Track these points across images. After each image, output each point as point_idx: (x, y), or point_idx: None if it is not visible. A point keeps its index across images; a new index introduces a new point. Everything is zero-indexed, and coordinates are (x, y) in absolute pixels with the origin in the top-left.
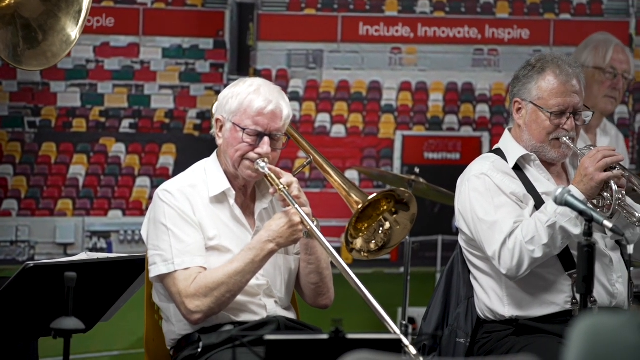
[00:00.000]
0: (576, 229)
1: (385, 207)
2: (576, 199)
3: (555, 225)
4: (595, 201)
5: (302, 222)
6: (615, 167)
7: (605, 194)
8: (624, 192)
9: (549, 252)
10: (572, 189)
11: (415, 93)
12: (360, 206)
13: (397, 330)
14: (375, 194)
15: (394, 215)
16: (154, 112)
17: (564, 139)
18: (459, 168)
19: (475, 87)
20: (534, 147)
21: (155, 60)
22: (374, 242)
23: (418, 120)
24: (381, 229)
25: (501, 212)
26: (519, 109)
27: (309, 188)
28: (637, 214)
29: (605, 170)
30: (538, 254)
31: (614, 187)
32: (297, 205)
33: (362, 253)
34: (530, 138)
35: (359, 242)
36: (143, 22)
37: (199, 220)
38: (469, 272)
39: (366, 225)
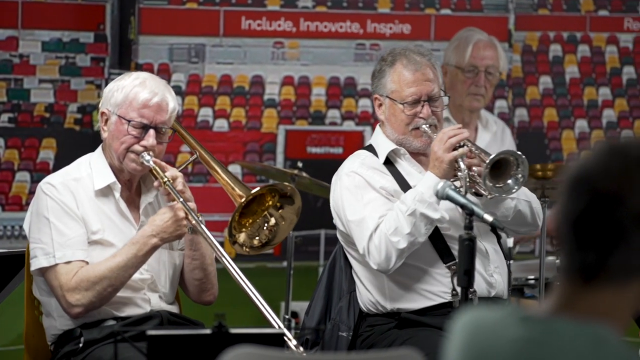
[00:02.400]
0: (436, 214)
1: (270, 203)
2: (458, 192)
3: (416, 212)
4: (456, 183)
5: (186, 217)
6: (464, 145)
7: (459, 173)
8: (475, 169)
9: (414, 240)
10: (429, 175)
11: (298, 87)
12: (243, 200)
13: (282, 326)
14: (258, 188)
15: (280, 211)
16: (33, 106)
17: (424, 127)
18: (341, 162)
19: (357, 81)
20: (397, 139)
21: (35, 53)
22: (257, 238)
23: (301, 114)
24: (266, 225)
25: (369, 208)
26: (379, 105)
27: (192, 183)
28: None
29: (454, 150)
30: (403, 244)
31: (462, 164)
32: (181, 199)
33: (245, 248)
34: (393, 132)
35: (241, 237)
36: (22, 15)
37: (83, 214)
38: (351, 266)
39: (250, 220)
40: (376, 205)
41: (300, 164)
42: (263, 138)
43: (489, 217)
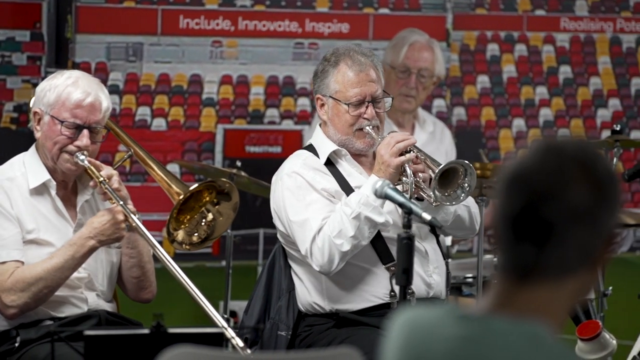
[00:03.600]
0: (380, 217)
1: (207, 199)
2: (396, 191)
3: (360, 216)
4: (399, 187)
5: (126, 219)
6: (411, 151)
7: (404, 178)
8: (422, 174)
9: (357, 243)
10: (373, 178)
11: (236, 86)
12: (181, 197)
13: (224, 324)
14: (196, 185)
15: (217, 206)
16: None
17: (367, 128)
18: (280, 161)
19: (296, 80)
20: (340, 140)
21: None
22: (196, 234)
23: (239, 113)
24: (204, 220)
25: (311, 209)
26: (322, 105)
27: (130, 182)
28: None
29: (401, 155)
30: (346, 247)
31: (408, 170)
32: (118, 198)
33: (184, 245)
34: (336, 132)
35: (180, 234)
36: None
37: (17, 213)
38: (290, 265)
39: (188, 217)
40: (318, 207)
41: (239, 163)
42: (201, 137)
43: (427, 216)
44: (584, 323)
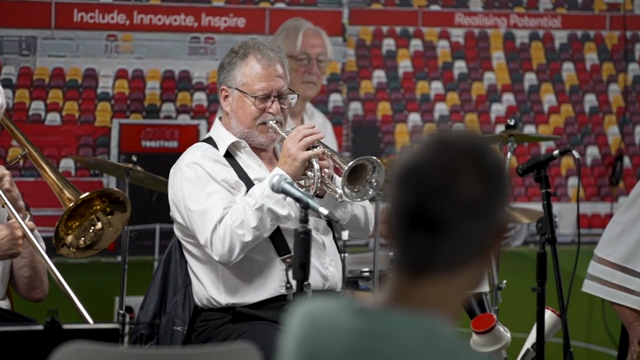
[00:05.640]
0: (283, 210)
1: (98, 207)
2: (292, 185)
3: (263, 207)
4: (302, 182)
5: (24, 236)
6: (317, 146)
7: (310, 172)
8: (327, 170)
9: (259, 234)
10: (278, 170)
11: (132, 81)
12: (72, 204)
13: (91, 320)
14: (88, 193)
15: (109, 216)
16: None
17: (271, 122)
18: (176, 156)
19: (192, 75)
20: (242, 133)
21: None
22: (83, 239)
23: (135, 108)
24: (92, 228)
25: (212, 199)
26: (226, 97)
27: (23, 177)
28: (339, 191)
29: (308, 149)
30: (248, 237)
31: (316, 165)
32: (7, 200)
33: (72, 249)
34: (238, 124)
35: (69, 238)
36: None
37: None
38: (187, 260)
39: (77, 223)
40: (219, 197)
41: (134, 158)
42: (97, 132)
43: (324, 210)
44: (478, 316)
